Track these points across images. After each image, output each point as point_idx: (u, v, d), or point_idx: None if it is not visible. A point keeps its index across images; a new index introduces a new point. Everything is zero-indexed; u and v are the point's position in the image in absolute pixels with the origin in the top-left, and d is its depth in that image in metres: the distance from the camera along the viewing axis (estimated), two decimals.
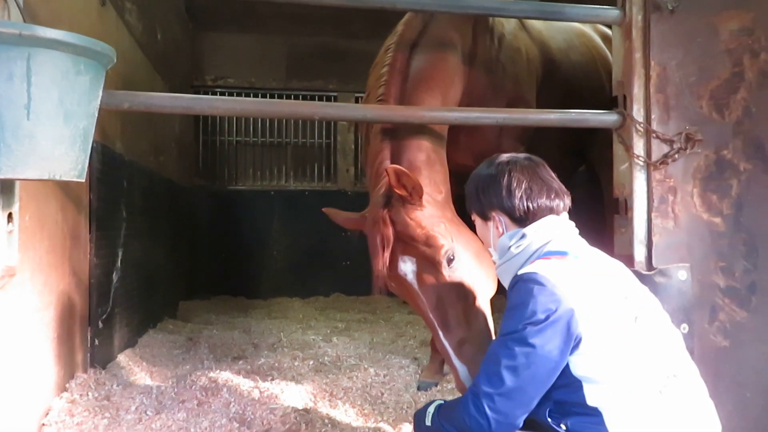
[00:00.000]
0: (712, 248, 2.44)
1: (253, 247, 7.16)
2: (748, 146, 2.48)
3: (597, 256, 1.77)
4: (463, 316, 2.25)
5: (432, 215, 2.36)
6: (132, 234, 3.91)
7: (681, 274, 2.38)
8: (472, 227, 2.09)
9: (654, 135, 2.38)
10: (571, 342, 1.53)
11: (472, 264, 2.35)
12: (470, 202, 1.94)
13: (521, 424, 1.58)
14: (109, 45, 1.64)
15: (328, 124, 7.57)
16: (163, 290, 5.10)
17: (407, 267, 2.35)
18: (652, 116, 2.40)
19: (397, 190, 2.29)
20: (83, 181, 1.72)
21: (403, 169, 2.27)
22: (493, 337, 2.24)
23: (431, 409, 1.78)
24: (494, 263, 1.92)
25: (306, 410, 2.75)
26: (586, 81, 3.64)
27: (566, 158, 3.87)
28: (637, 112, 2.41)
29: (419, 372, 3.45)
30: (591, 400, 1.54)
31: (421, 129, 2.57)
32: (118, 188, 3.61)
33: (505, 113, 2.45)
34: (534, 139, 3.18)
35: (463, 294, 2.28)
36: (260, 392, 2.93)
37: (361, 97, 4.46)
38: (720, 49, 2.46)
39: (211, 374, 3.16)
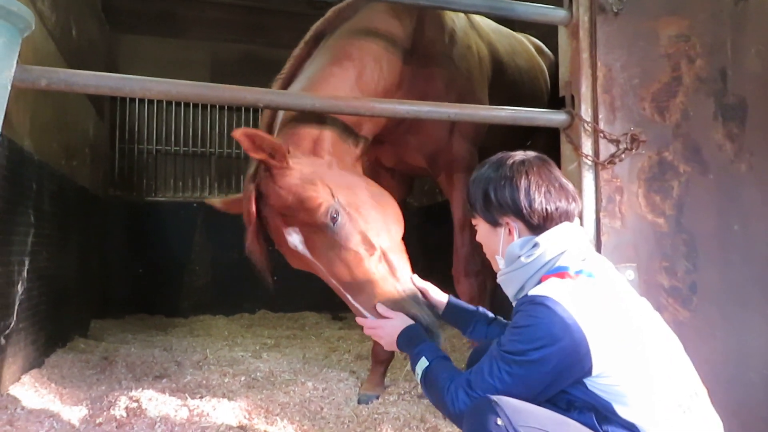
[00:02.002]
0: (656, 248, 2.46)
1: (173, 262, 6.75)
2: (686, 149, 2.53)
3: (606, 267, 1.65)
4: (368, 274, 2.08)
5: (303, 176, 2.15)
6: (40, 243, 3.53)
7: (629, 273, 2.38)
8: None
9: (602, 135, 2.39)
10: (577, 371, 1.45)
11: (366, 213, 2.18)
12: (477, 207, 1.75)
13: None
14: None
15: None
16: (74, 307, 4.66)
17: (294, 239, 2.17)
18: (600, 116, 2.40)
19: (255, 155, 2.09)
20: None
21: (255, 130, 2.07)
22: (414, 279, 2.15)
23: (419, 370, 1.70)
24: (500, 270, 1.74)
25: (241, 427, 2.54)
26: (530, 86, 3.65)
27: None
28: (585, 111, 2.41)
29: (359, 385, 3.29)
30: (624, 414, 1.46)
31: (320, 117, 2.37)
32: (26, 190, 3.25)
33: (456, 108, 2.38)
34: (484, 143, 3.13)
35: (362, 250, 2.12)
36: (189, 410, 2.68)
37: None
38: (660, 53, 2.51)
39: (132, 393, 2.87)
